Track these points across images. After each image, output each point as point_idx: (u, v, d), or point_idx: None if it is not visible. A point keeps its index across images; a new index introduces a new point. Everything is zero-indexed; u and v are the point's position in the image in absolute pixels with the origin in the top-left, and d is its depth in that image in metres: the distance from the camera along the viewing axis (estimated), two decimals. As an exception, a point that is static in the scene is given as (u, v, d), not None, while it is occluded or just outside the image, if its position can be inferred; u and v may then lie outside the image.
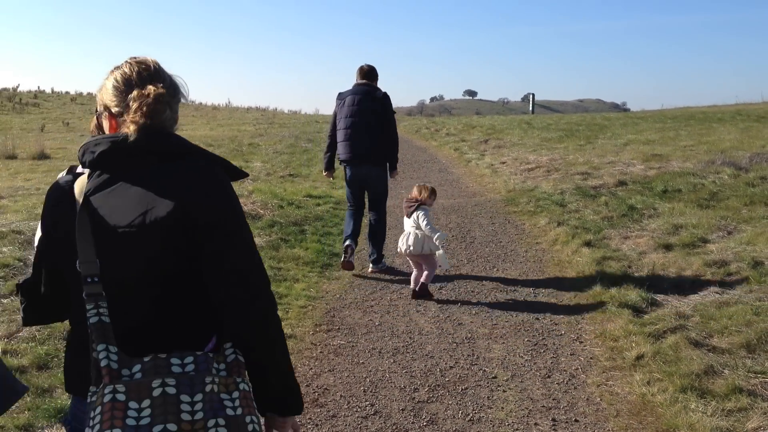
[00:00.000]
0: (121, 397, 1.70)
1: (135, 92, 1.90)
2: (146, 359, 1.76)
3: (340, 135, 7.51)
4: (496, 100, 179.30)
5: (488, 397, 4.60)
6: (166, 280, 1.86)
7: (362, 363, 5.19)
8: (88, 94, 38.56)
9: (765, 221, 7.88)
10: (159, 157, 1.90)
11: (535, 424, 4.23)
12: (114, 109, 1.96)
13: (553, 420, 4.27)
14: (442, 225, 9.59)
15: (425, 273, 6.62)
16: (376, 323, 6.02)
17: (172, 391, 1.72)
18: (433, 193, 6.76)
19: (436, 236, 6.46)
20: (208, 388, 1.76)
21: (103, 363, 1.74)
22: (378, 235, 7.68)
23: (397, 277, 7.29)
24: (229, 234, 1.88)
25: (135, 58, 2.01)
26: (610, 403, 4.46)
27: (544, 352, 5.34)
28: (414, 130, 25.39)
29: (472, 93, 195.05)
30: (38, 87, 34.80)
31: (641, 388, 4.57)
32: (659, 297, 6.18)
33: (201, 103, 41.21)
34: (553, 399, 4.56)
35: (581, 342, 5.51)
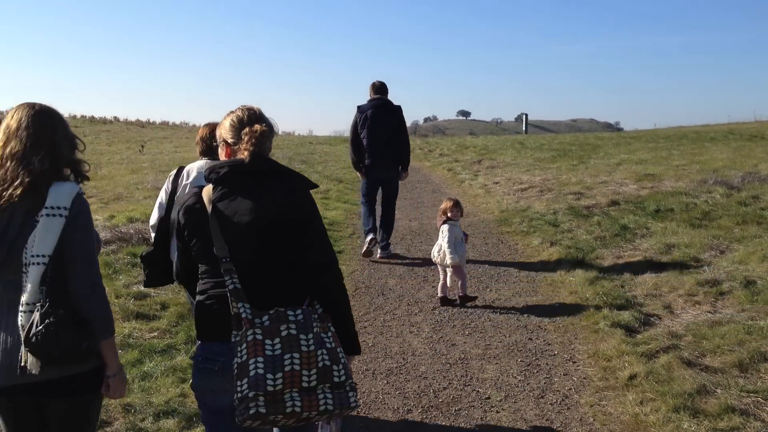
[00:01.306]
0: (259, 336, 2.51)
1: (247, 129, 2.76)
2: (271, 312, 2.57)
3: (366, 143, 8.86)
4: (490, 120, 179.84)
5: (481, 418, 4.60)
6: (276, 259, 2.71)
7: (356, 384, 5.17)
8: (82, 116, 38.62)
9: (757, 240, 7.92)
10: (262, 175, 2.75)
11: (529, 445, 4.23)
12: (230, 141, 2.83)
13: (547, 441, 4.27)
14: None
15: (460, 283, 7.09)
16: (370, 344, 6.01)
17: (293, 332, 2.54)
18: (456, 205, 7.25)
19: (449, 257, 6.91)
20: (315, 330, 2.59)
21: (243, 315, 2.55)
22: (389, 225, 9.14)
23: (389, 298, 7.29)
24: (316, 227, 2.79)
25: (245, 105, 2.89)
26: (603, 423, 4.46)
27: (537, 372, 5.35)
28: (410, 159, 25.39)
29: (465, 113, 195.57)
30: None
31: (634, 407, 4.57)
32: (652, 316, 6.20)
33: (195, 125, 41.28)
34: (546, 419, 4.56)
35: (574, 362, 5.51)
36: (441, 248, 7.07)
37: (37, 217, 2.52)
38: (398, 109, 8.92)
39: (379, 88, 8.91)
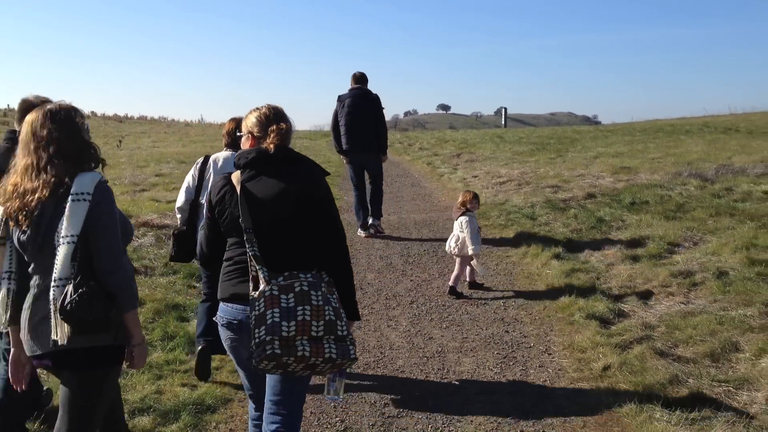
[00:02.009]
0: (275, 292, 2.98)
1: (274, 126, 3.29)
2: (285, 274, 3.05)
3: (343, 129, 9.49)
4: (470, 114, 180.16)
5: (458, 411, 4.64)
6: (292, 230, 3.19)
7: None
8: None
9: (730, 232, 8.02)
10: (283, 161, 3.27)
11: (504, 436, 4.28)
12: (256, 134, 3.35)
13: (522, 432, 4.32)
14: (414, 239, 9.65)
15: (469, 270, 7.36)
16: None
17: (305, 288, 3.01)
18: (475, 198, 7.51)
19: (470, 247, 7.11)
20: (323, 290, 3.05)
21: (261, 276, 3.02)
22: (377, 199, 9.91)
23: (367, 293, 7.31)
24: (330, 204, 3.29)
25: (270, 104, 3.42)
26: (578, 414, 4.51)
27: (513, 364, 5.40)
28: (387, 144, 25.40)
29: (445, 107, 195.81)
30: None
31: (608, 398, 4.63)
32: (626, 308, 6.27)
33: (173, 120, 41.04)
34: (522, 411, 4.60)
35: (550, 354, 5.57)
36: (459, 239, 7.24)
37: (65, 204, 2.82)
38: (376, 98, 9.49)
39: (359, 79, 9.51)
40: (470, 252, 7.11)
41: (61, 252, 2.79)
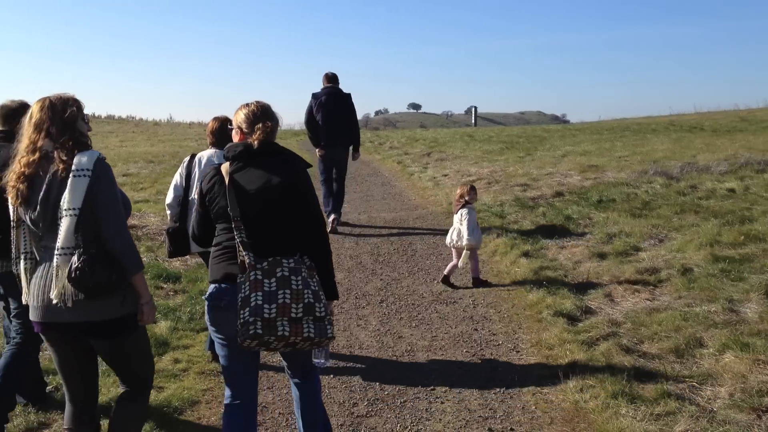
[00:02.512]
0: (259, 277, 3.30)
1: (260, 123, 3.58)
2: (270, 259, 3.36)
3: (321, 127, 10.00)
4: (440, 113, 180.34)
5: (426, 410, 4.66)
6: (276, 218, 3.49)
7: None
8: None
9: (694, 229, 8.14)
10: (268, 154, 3.57)
11: (472, 434, 4.30)
12: (245, 129, 3.63)
13: (490, 430, 4.35)
14: (384, 238, 9.67)
15: (472, 266, 7.44)
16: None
17: (286, 274, 3.33)
18: (472, 190, 7.68)
19: (466, 238, 7.26)
20: (303, 274, 3.37)
21: (247, 261, 3.33)
22: (339, 199, 10.30)
23: (338, 292, 7.29)
24: (310, 194, 3.59)
25: (258, 101, 3.71)
26: (545, 411, 4.56)
27: (482, 362, 5.43)
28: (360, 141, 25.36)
29: (416, 106, 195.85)
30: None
31: (574, 395, 4.68)
32: (593, 305, 6.34)
33: (141, 119, 40.62)
34: (490, 409, 4.64)
35: (518, 351, 5.61)
36: (459, 232, 7.36)
37: (69, 178, 3.15)
38: (348, 96, 10.06)
39: (331, 78, 10.10)
40: (464, 243, 7.25)
41: (64, 224, 3.13)
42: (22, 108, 4.30)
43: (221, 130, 5.41)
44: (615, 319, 5.93)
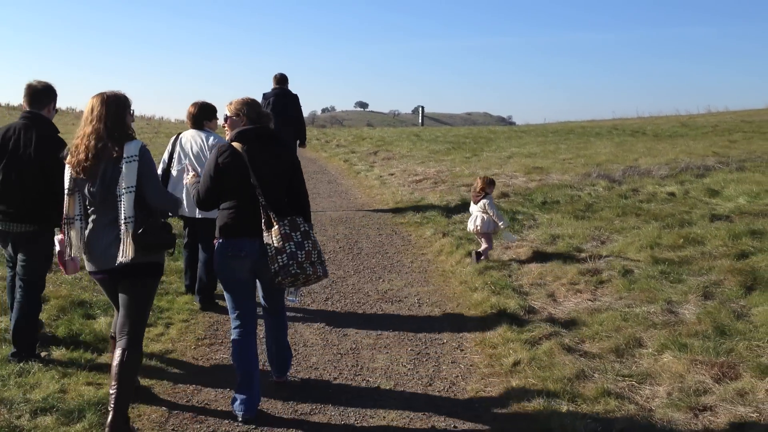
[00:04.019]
0: (287, 230, 4.27)
1: (260, 110, 4.63)
2: (288, 218, 4.33)
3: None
4: (387, 112, 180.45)
5: (371, 407, 4.64)
6: (282, 187, 4.50)
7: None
8: None
9: (635, 231, 8.31)
10: (270, 137, 4.55)
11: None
12: (252, 116, 4.54)
13: (433, 427, 4.36)
14: (330, 236, 9.64)
15: (485, 247, 8.02)
16: (261, 336, 5.96)
17: (306, 229, 4.38)
18: (491, 183, 8.38)
19: (501, 222, 7.99)
20: (312, 230, 4.45)
21: (273, 217, 4.28)
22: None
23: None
24: (300, 172, 4.64)
25: (249, 98, 4.67)
26: (488, 409, 4.58)
27: (426, 360, 5.44)
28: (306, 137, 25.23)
29: (363, 104, 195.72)
30: None
31: (517, 393, 4.72)
32: (536, 305, 6.42)
33: (81, 111, 39.54)
34: (434, 406, 4.64)
35: (462, 350, 5.64)
36: (483, 219, 8.00)
37: (120, 165, 4.03)
38: (296, 96, 10.61)
39: (280, 79, 10.65)
40: (501, 225, 7.98)
41: (126, 199, 4.00)
42: (47, 90, 5.23)
43: (199, 113, 6.59)
44: (557, 318, 6.01)
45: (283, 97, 10.43)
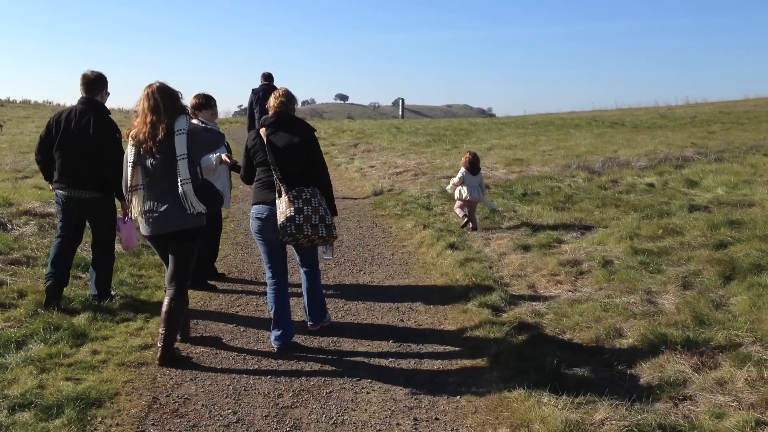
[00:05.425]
0: (291, 198, 5.26)
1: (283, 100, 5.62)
2: (296, 188, 5.30)
3: (257, 115, 11.89)
4: (367, 105, 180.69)
5: (352, 400, 4.63)
6: (297, 163, 5.39)
7: (225, 370, 5.10)
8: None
9: (614, 222, 8.36)
10: (290, 122, 5.53)
11: (397, 424, 4.30)
12: (279, 108, 5.56)
13: (415, 419, 4.35)
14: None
15: (476, 217, 9.09)
16: (241, 329, 5.94)
17: (307, 197, 5.31)
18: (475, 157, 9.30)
19: (485, 192, 9.29)
20: (317, 197, 5.37)
21: (283, 189, 5.28)
22: None
23: (263, 282, 7.20)
24: (318, 148, 5.55)
25: (285, 89, 5.69)
26: (469, 401, 4.58)
27: (407, 352, 5.43)
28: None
29: (343, 97, 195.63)
30: None
31: (498, 384, 4.72)
32: (517, 296, 6.43)
33: (59, 104, 39.18)
34: (416, 398, 4.64)
35: (444, 342, 5.63)
36: (474, 188, 8.95)
37: (173, 139, 4.89)
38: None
39: (267, 77, 12.25)
40: (485, 195, 9.27)
41: (181, 164, 4.89)
42: (99, 78, 6.25)
43: (200, 104, 6.94)
44: (538, 309, 6.03)
45: (269, 92, 10.66)
